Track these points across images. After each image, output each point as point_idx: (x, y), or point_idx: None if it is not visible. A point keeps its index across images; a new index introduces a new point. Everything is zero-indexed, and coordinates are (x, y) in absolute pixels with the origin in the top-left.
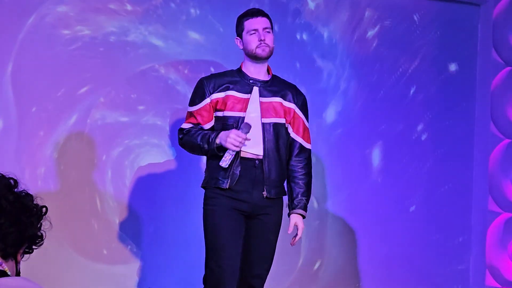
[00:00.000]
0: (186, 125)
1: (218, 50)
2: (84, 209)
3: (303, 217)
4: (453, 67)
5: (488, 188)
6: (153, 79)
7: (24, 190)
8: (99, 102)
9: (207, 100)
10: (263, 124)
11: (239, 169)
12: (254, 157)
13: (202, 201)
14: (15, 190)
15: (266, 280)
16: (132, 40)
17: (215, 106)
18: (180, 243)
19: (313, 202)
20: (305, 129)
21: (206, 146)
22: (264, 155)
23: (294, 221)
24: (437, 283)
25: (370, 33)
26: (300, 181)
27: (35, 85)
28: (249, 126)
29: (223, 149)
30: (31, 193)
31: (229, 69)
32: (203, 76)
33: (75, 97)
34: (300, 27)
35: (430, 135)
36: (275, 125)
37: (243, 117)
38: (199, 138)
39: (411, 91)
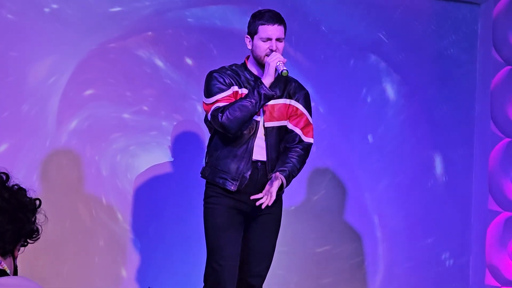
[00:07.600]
0: (222, 104)
1: (220, 49)
2: (84, 208)
3: (282, 186)
4: (453, 66)
5: (488, 187)
6: (155, 79)
7: (16, 184)
8: (100, 101)
9: (230, 90)
10: (265, 128)
11: (249, 172)
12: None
13: (203, 198)
14: (7, 184)
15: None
16: (132, 39)
17: (235, 97)
18: (180, 242)
19: (318, 201)
20: (307, 124)
21: (255, 94)
22: (267, 159)
23: (270, 186)
24: (437, 282)
25: (370, 32)
26: (292, 159)
27: (34, 84)
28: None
29: (267, 98)
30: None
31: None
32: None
33: (75, 96)
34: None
35: (430, 134)
36: (278, 128)
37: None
38: (244, 100)
39: (410, 90)
